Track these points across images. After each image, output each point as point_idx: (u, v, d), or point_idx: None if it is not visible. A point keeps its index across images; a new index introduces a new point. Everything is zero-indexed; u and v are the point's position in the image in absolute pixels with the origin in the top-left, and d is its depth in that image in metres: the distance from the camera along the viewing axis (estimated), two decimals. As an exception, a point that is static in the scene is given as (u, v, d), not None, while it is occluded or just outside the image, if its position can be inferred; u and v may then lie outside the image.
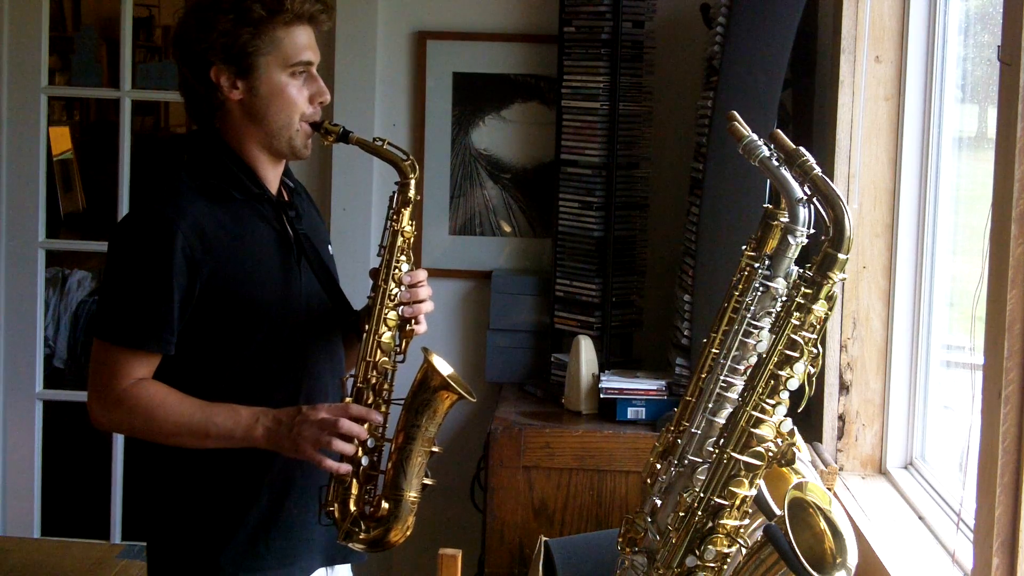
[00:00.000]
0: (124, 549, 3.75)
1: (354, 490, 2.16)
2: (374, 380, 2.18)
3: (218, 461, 2.18)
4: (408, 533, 2.20)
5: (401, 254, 2.21)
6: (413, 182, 2.22)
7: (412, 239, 2.23)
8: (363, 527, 2.17)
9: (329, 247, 2.40)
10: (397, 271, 2.20)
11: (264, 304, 2.19)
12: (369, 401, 2.17)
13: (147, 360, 2.15)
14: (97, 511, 4.04)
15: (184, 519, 2.23)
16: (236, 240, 2.17)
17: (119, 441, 3.93)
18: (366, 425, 2.13)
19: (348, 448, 2.10)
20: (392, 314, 2.20)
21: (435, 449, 2.20)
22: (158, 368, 2.17)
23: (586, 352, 3.27)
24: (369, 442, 2.15)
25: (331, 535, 2.23)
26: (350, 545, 2.19)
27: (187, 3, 2.27)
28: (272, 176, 2.26)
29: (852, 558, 1.74)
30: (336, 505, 2.17)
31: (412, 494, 2.18)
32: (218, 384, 2.18)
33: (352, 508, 2.16)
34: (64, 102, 6.74)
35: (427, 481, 2.20)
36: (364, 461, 2.16)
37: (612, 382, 3.19)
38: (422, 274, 2.24)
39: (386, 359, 2.19)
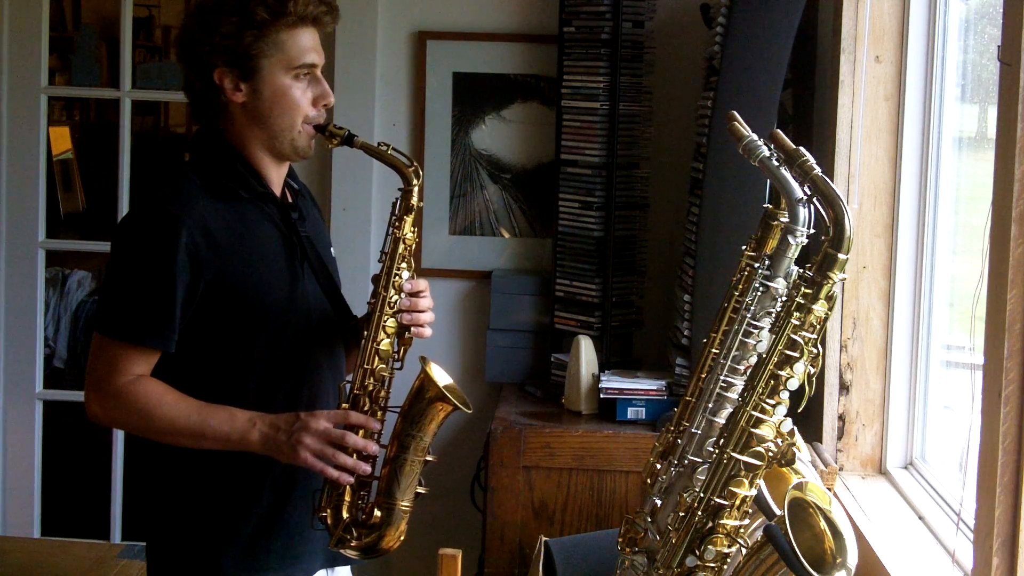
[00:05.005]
0: (124, 549, 3.74)
1: (347, 497, 2.15)
2: (371, 387, 2.17)
3: (221, 462, 2.17)
4: (401, 539, 2.19)
5: (402, 261, 2.20)
6: (416, 189, 2.21)
7: (414, 246, 2.23)
8: (355, 534, 2.17)
9: (331, 250, 2.40)
10: (397, 278, 2.20)
11: (268, 304, 2.18)
12: (366, 408, 2.16)
13: (147, 356, 2.14)
14: (97, 511, 4.04)
15: (185, 520, 2.22)
16: (241, 239, 2.17)
17: (119, 441, 3.92)
18: (361, 432, 2.13)
19: (363, 467, 2.11)
20: (391, 321, 2.19)
21: (429, 458, 2.19)
22: (159, 366, 2.16)
23: (586, 352, 3.27)
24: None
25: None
26: (343, 552, 2.19)
27: (191, 5, 2.27)
28: (276, 177, 2.26)
29: (852, 558, 1.74)
30: (329, 511, 2.16)
31: (404, 503, 2.17)
32: (219, 384, 2.17)
33: (345, 515, 2.16)
34: (64, 102, 6.73)
35: (420, 490, 2.19)
36: None
37: (612, 382, 3.19)
38: (423, 284, 2.23)
39: (383, 366, 2.19)
